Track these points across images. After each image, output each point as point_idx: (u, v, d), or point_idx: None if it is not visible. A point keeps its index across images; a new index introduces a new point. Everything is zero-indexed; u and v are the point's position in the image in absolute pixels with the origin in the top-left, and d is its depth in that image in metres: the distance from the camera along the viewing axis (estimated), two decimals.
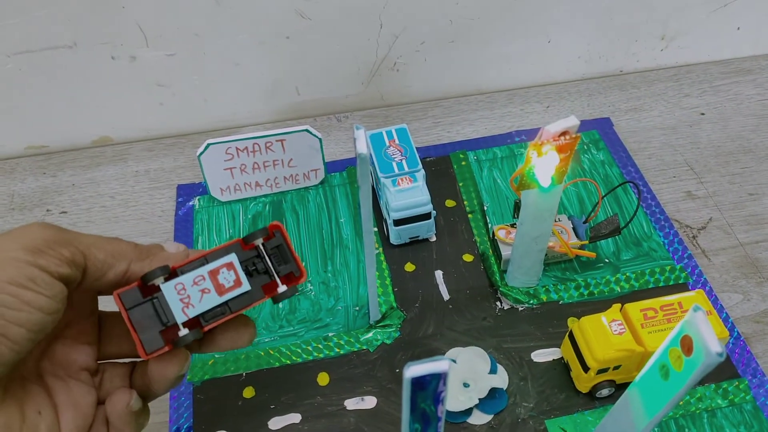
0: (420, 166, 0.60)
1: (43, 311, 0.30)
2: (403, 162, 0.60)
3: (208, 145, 0.61)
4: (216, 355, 0.54)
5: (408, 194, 0.58)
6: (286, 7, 0.65)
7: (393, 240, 0.60)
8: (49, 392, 0.34)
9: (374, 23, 0.67)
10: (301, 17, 0.66)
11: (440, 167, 0.67)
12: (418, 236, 0.61)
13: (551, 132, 0.42)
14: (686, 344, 0.34)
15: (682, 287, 0.57)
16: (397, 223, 0.59)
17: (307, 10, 0.65)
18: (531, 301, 0.56)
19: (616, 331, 0.48)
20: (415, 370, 0.30)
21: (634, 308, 0.49)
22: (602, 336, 0.48)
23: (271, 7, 0.65)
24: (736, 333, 0.54)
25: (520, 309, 0.56)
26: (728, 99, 0.73)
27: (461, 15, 0.68)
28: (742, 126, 0.70)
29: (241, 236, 0.62)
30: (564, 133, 0.43)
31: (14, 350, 0.29)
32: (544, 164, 0.44)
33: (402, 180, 0.59)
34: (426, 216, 0.59)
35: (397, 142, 0.62)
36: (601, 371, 0.48)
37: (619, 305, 0.50)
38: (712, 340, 0.32)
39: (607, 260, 0.59)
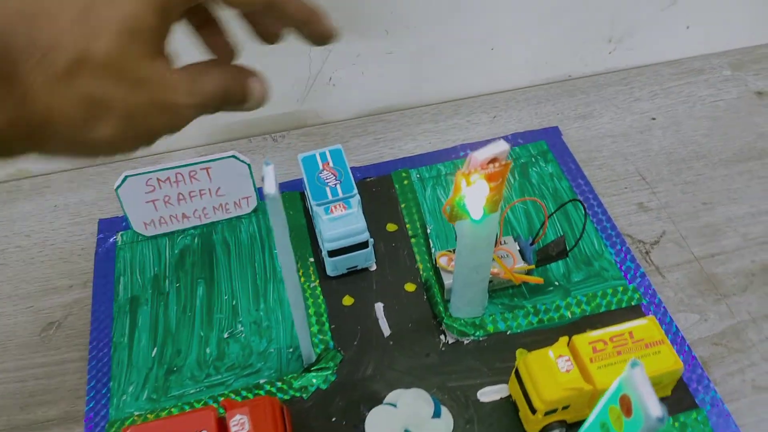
0: (355, 190, 0.56)
1: None
2: (337, 187, 0.56)
3: (126, 177, 0.56)
4: (136, 413, 0.49)
5: (342, 222, 0.54)
6: None
7: (330, 272, 0.56)
8: None
9: None
10: None
11: (381, 188, 0.63)
12: (356, 266, 0.57)
13: (479, 160, 0.38)
14: (625, 404, 0.31)
15: (635, 310, 0.54)
16: (332, 254, 0.54)
17: None
18: (477, 333, 0.53)
19: (563, 368, 0.45)
20: None
21: (582, 341, 0.46)
22: (549, 374, 0.45)
23: None
24: (693, 358, 0.51)
25: (466, 342, 0.52)
26: (680, 101, 0.70)
27: (397, 24, 0.64)
28: (694, 130, 0.67)
29: (167, 275, 0.58)
30: (493, 160, 0.39)
31: None
32: (473, 194, 0.40)
33: (335, 207, 0.55)
34: (363, 245, 0.55)
35: (331, 164, 0.58)
36: (549, 412, 0.45)
37: (567, 338, 0.46)
38: (652, 403, 0.29)
39: (557, 283, 0.56)
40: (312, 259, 0.58)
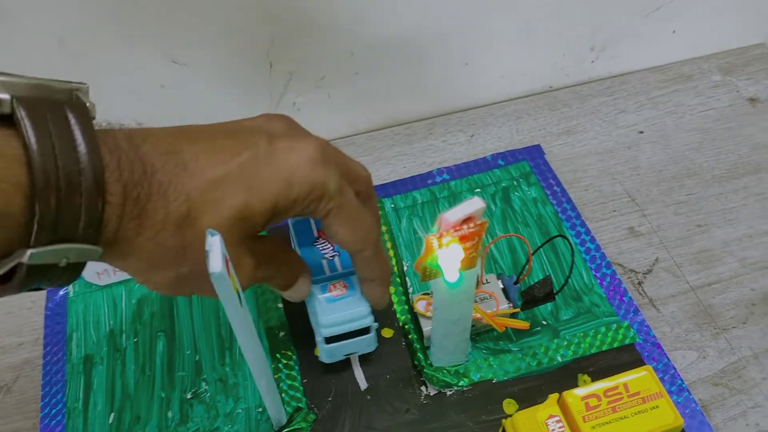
0: None
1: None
2: (335, 260, 0.47)
3: None
4: None
5: (341, 305, 0.46)
6: (155, 53, 0.55)
7: (324, 359, 0.48)
8: None
9: (262, 62, 0.58)
10: (175, 63, 0.56)
11: None
12: (355, 352, 0.49)
13: (451, 221, 0.34)
14: None
15: (629, 349, 0.50)
16: (330, 340, 0.47)
17: (180, 55, 0.56)
18: (460, 383, 0.49)
19: (554, 430, 0.41)
20: None
21: (573, 398, 0.42)
22: None
23: (138, 55, 0.55)
24: (693, 403, 0.47)
25: (449, 393, 0.49)
26: (668, 112, 0.66)
27: (361, 45, 0.60)
28: (684, 144, 0.63)
29: (124, 329, 0.54)
30: (468, 220, 0.35)
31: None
32: (447, 258, 0.36)
33: (334, 286, 0.46)
34: (365, 330, 0.47)
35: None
36: None
37: (557, 395, 0.43)
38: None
39: (544, 322, 0.52)
40: (281, 305, 0.54)
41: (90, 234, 0.31)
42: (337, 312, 0.45)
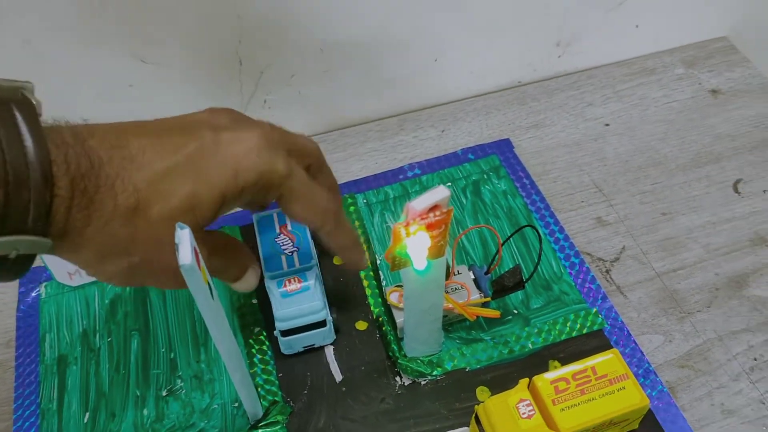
0: (314, 260, 0.49)
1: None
2: (294, 256, 0.49)
3: None
4: None
5: (296, 300, 0.47)
6: (124, 52, 0.55)
7: (284, 350, 0.50)
8: None
9: (232, 60, 0.59)
10: (143, 62, 0.56)
11: None
12: (313, 344, 0.51)
13: (417, 210, 0.35)
14: None
15: (597, 335, 0.51)
16: (285, 333, 0.49)
17: (147, 55, 0.56)
18: (434, 372, 0.49)
19: (524, 414, 0.42)
20: None
21: (543, 382, 0.43)
22: (510, 422, 0.42)
23: (106, 54, 0.55)
24: (660, 385, 0.48)
25: (423, 383, 0.49)
26: (633, 105, 0.67)
27: (331, 43, 0.60)
28: (649, 135, 0.65)
29: (97, 329, 0.54)
30: (434, 208, 0.36)
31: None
32: (414, 246, 0.36)
33: (289, 281, 0.48)
34: (320, 324, 0.49)
35: (289, 228, 0.51)
36: None
37: (527, 380, 0.44)
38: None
39: (515, 311, 0.53)
40: (255, 301, 0.54)
41: (39, 226, 0.31)
42: (292, 306, 0.47)
